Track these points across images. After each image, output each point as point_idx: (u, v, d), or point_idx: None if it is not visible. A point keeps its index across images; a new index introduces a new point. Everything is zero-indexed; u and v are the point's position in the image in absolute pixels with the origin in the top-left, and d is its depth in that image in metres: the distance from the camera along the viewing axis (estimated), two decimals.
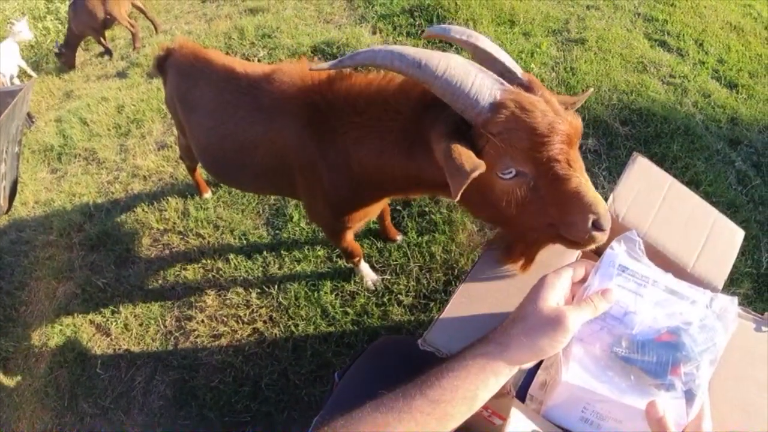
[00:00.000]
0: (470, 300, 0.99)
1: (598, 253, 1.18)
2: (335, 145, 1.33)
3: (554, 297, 0.70)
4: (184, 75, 1.78)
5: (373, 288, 2.19)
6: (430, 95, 1.01)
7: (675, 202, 1.16)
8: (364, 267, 2.17)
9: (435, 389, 0.68)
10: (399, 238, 2.30)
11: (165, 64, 1.92)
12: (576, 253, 1.06)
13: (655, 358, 0.67)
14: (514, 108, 0.89)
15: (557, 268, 0.75)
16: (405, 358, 1.09)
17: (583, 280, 0.75)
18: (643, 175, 1.19)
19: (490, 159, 0.91)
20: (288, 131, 1.43)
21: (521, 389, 0.89)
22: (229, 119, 1.60)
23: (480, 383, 0.68)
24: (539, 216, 0.96)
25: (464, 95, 0.90)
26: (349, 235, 1.84)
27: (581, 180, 0.90)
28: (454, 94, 0.91)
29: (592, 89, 1.21)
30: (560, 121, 0.90)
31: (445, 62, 0.91)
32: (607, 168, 2.69)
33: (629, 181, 1.16)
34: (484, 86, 0.91)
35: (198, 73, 1.71)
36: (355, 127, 1.25)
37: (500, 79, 0.94)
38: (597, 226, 0.90)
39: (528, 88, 0.95)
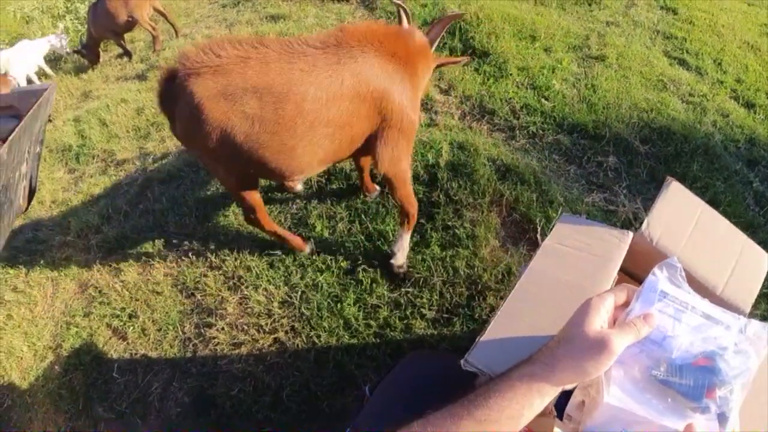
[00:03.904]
0: (511, 321, 1.00)
1: (637, 279, 1.20)
2: (415, 78, 1.93)
3: (599, 320, 0.72)
4: (219, 81, 1.67)
5: (401, 268, 2.25)
6: None
7: (706, 226, 1.19)
8: (408, 239, 2.24)
9: (482, 409, 0.70)
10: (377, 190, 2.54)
11: (175, 91, 1.74)
12: (612, 277, 1.07)
13: (692, 382, 0.69)
14: None
15: (601, 293, 0.76)
16: (438, 374, 1.13)
17: (625, 304, 0.77)
18: (676, 200, 1.21)
19: None
20: (380, 80, 1.80)
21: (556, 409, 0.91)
22: (302, 84, 1.70)
23: (526, 403, 0.70)
24: None
25: None
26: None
27: None
28: None
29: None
30: None
31: None
32: (627, 186, 2.69)
33: (663, 205, 1.18)
34: None
35: (238, 66, 1.67)
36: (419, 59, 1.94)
37: None
38: None
39: None
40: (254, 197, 2.09)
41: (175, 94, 1.75)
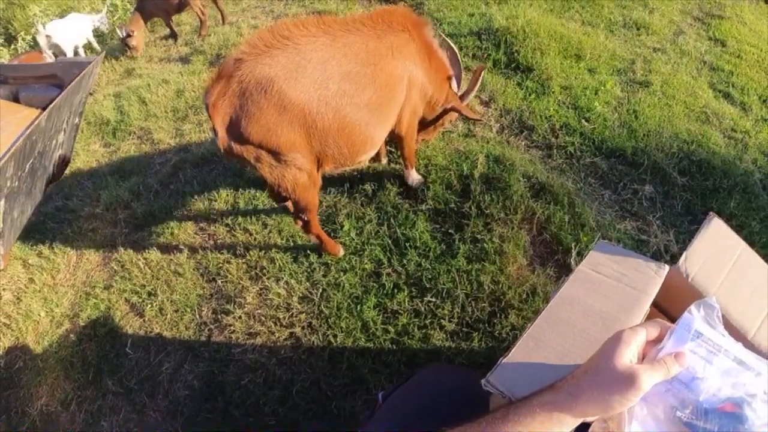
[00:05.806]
0: (537, 345, 0.97)
1: (665, 313, 1.17)
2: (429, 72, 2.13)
3: (629, 354, 0.70)
4: (295, 60, 1.63)
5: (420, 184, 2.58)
6: None
7: (744, 267, 1.15)
8: (414, 171, 2.58)
9: None
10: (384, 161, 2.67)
11: (237, 85, 1.64)
12: (644, 310, 1.04)
13: (717, 428, 0.67)
14: None
15: (633, 326, 0.74)
16: (458, 388, 1.12)
17: (656, 340, 0.74)
18: (716, 237, 1.17)
19: None
20: (410, 56, 1.97)
21: None
22: (367, 55, 1.79)
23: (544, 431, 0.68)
24: None
25: None
26: None
27: None
28: None
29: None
30: None
31: None
32: (661, 217, 2.61)
33: (703, 241, 1.14)
34: None
35: (309, 45, 1.69)
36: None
37: None
38: None
39: None
40: (315, 197, 2.06)
41: (237, 90, 1.63)
